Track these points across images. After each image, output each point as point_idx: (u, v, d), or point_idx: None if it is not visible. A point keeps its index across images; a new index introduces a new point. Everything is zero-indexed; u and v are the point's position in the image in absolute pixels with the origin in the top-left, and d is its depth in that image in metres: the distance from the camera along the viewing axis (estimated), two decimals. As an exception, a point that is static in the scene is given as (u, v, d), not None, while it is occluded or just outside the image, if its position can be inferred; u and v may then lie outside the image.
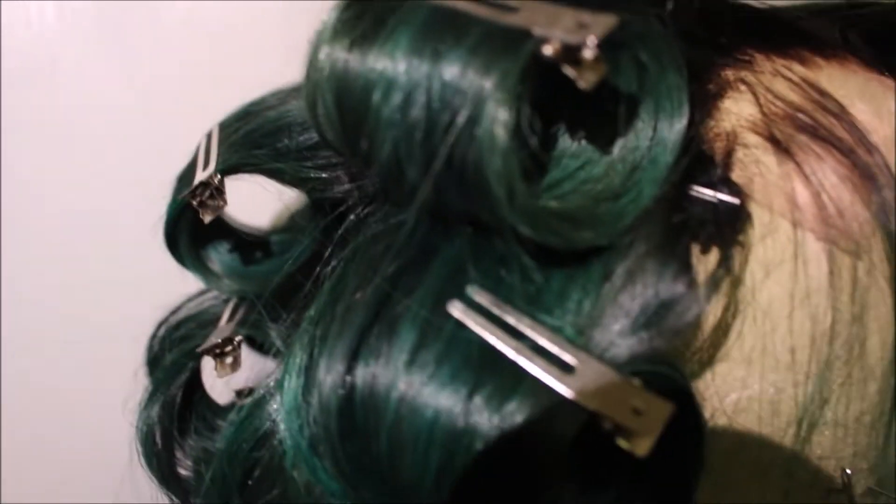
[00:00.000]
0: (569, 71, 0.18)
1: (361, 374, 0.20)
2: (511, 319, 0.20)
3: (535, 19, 0.18)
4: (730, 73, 0.25)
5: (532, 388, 0.19)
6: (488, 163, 0.18)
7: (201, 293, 0.32)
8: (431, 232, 0.21)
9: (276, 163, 0.26)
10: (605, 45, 0.18)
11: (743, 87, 0.24)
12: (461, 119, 0.18)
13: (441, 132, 0.18)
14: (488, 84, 0.18)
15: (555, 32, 0.18)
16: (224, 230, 0.32)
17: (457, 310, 0.20)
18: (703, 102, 0.23)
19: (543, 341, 0.20)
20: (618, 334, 0.20)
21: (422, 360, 0.19)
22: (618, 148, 0.21)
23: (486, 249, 0.21)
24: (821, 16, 0.31)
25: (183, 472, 0.29)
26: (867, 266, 0.22)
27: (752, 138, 0.23)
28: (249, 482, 0.22)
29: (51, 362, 0.56)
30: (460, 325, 0.20)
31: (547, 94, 0.20)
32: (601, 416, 0.18)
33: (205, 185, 0.27)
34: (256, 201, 0.33)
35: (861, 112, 0.25)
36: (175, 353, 0.29)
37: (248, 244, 0.32)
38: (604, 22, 0.18)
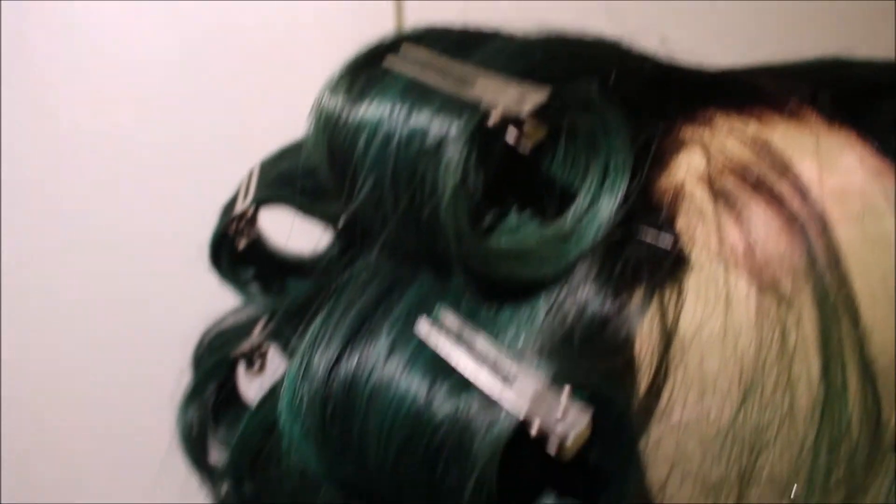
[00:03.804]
0: (510, 136, 0.22)
1: (344, 372, 0.24)
2: (467, 335, 0.24)
3: (485, 92, 0.22)
4: (689, 132, 0.28)
5: (474, 395, 0.23)
6: (441, 203, 0.22)
7: (243, 307, 0.38)
8: (405, 267, 0.26)
9: (295, 199, 0.31)
10: (545, 113, 0.22)
11: (698, 145, 0.28)
12: (423, 167, 0.22)
13: (407, 177, 0.23)
14: (446, 135, 0.22)
15: (498, 103, 0.22)
16: (260, 253, 0.37)
17: (423, 327, 0.24)
18: (659, 157, 0.27)
19: (491, 356, 0.23)
20: (554, 352, 0.23)
21: (388, 367, 0.24)
22: (568, 204, 0.25)
23: (450, 283, 0.25)
24: (796, 76, 0.34)
25: (213, 459, 0.34)
26: (795, 318, 0.25)
27: (699, 190, 0.26)
28: (256, 465, 0.27)
29: (51, 361, 0.60)
30: (424, 341, 0.24)
31: (505, 167, 0.24)
32: (530, 420, 0.22)
33: (240, 216, 0.32)
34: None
35: (808, 168, 0.28)
36: (214, 357, 0.35)
37: (278, 266, 0.37)
38: (537, 96, 0.22)
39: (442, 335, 0.24)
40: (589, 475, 0.24)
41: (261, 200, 0.32)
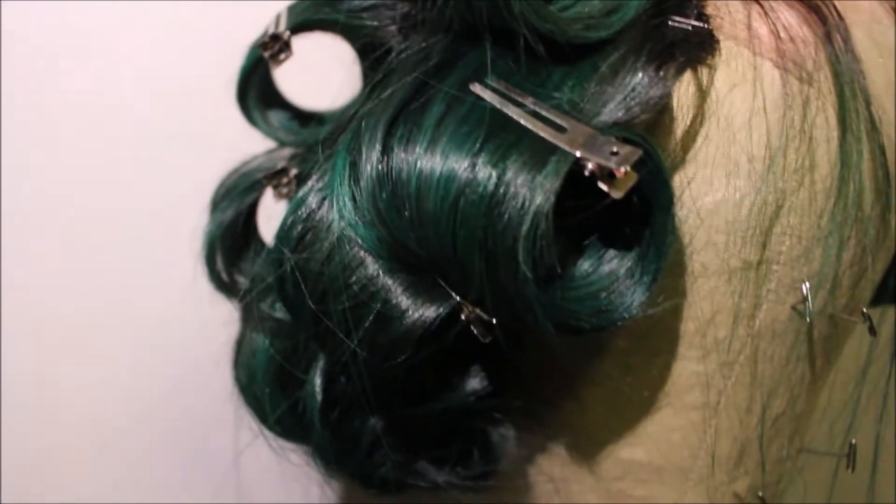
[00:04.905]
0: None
1: (397, 138, 0.25)
2: (518, 97, 0.25)
3: None
4: None
5: (531, 141, 0.24)
6: None
7: (269, 152, 0.38)
8: (461, 42, 0.27)
9: (334, 16, 0.32)
10: None
11: None
12: None
13: None
14: None
15: None
16: (285, 104, 0.38)
17: (477, 88, 0.26)
18: None
19: (543, 111, 0.25)
20: (601, 107, 0.25)
21: (445, 123, 0.25)
22: None
23: (504, 53, 0.26)
24: None
25: (238, 283, 0.35)
26: (816, 93, 0.27)
27: None
28: (302, 244, 0.27)
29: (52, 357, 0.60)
30: (479, 99, 0.25)
31: None
32: (584, 160, 0.23)
33: (275, 37, 0.33)
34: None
35: None
36: (241, 184, 0.35)
37: (304, 115, 0.38)
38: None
39: (496, 96, 0.25)
40: (632, 225, 0.26)
41: (298, 23, 0.33)
